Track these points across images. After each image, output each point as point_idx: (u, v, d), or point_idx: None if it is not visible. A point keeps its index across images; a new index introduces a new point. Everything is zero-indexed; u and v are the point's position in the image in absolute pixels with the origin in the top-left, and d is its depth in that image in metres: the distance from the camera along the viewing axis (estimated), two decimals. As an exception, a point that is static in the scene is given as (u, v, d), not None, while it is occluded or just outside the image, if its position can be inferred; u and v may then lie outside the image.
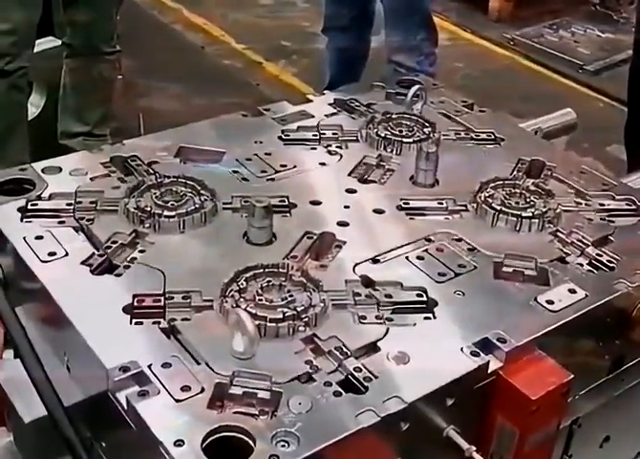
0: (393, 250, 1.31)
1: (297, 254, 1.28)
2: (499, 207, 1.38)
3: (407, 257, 1.30)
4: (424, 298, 1.23)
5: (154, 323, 1.14)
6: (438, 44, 3.49)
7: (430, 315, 1.20)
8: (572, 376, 1.14)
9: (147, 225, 1.30)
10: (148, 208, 1.31)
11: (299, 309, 1.12)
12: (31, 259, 1.24)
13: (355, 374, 1.08)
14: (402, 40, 3.31)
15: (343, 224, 1.37)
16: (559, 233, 1.36)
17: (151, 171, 1.43)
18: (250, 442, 0.98)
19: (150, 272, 1.22)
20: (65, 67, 3.09)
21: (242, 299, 1.14)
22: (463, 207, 1.41)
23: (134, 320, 1.14)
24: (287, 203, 1.40)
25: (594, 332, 1.26)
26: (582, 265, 1.32)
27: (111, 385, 1.05)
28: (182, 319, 1.13)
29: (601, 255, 1.34)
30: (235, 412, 1.02)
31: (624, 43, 4.48)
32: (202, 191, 1.38)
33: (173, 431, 0.98)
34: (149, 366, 1.06)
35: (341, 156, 1.56)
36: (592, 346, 1.28)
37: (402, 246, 1.32)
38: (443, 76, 3.20)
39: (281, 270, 1.20)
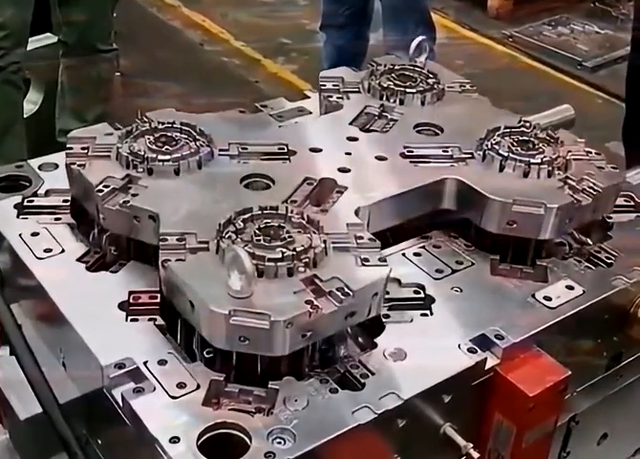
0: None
1: (297, 199, 1.24)
2: (506, 154, 1.34)
3: (404, 254, 1.30)
4: (421, 295, 1.22)
5: (149, 320, 1.13)
6: (437, 41, 3.49)
7: (427, 311, 1.19)
8: (570, 373, 1.13)
9: (140, 169, 1.26)
10: (141, 153, 1.27)
11: (298, 249, 1.08)
12: (26, 256, 1.24)
13: (352, 371, 1.08)
14: (400, 37, 3.31)
15: (344, 170, 1.32)
16: (569, 180, 1.31)
17: (145, 119, 1.38)
18: (246, 439, 0.97)
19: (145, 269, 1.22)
20: (62, 65, 3.09)
21: (239, 240, 1.10)
22: (469, 155, 1.37)
23: (129, 317, 1.14)
24: (286, 150, 1.36)
25: (592, 329, 1.26)
26: (580, 261, 1.31)
27: (106, 382, 1.04)
28: (177, 260, 1.09)
29: (599, 252, 1.33)
30: (231, 409, 1.01)
31: (623, 40, 4.48)
32: (197, 137, 1.33)
33: (168, 428, 0.97)
34: (145, 363, 1.06)
35: (342, 106, 1.52)
36: (590, 343, 1.27)
37: (407, 191, 1.29)
38: (442, 73, 3.18)
39: (280, 212, 1.16)
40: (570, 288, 1.25)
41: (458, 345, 1.13)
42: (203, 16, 5.12)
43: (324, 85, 1.58)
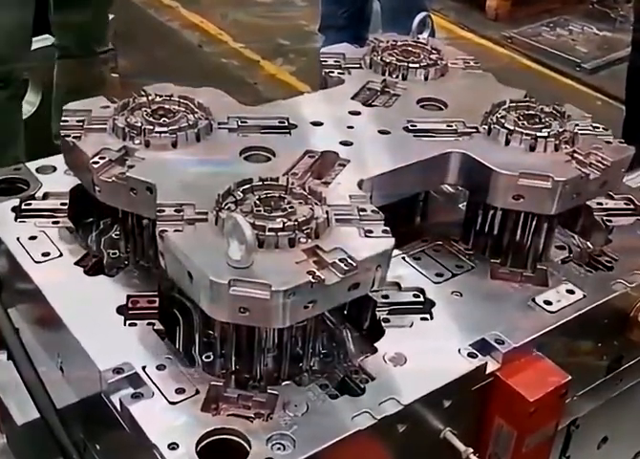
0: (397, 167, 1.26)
1: (298, 172, 1.20)
2: (512, 127, 1.31)
3: (404, 258, 1.29)
4: (421, 299, 1.22)
5: (148, 324, 1.13)
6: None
7: (427, 315, 1.19)
8: (570, 377, 1.13)
9: (137, 141, 1.22)
10: (138, 124, 1.23)
11: (300, 220, 1.05)
12: (24, 259, 1.23)
13: (352, 376, 1.07)
14: (400, 39, 3.31)
15: (346, 143, 1.29)
16: (576, 154, 1.28)
17: (142, 92, 1.34)
18: (245, 444, 0.97)
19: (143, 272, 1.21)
20: (57, 68, 3.07)
21: (238, 210, 1.07)
22: (474, 129, 1.34)
23: (128, 321, 1.13)
24: (286, 123, 1.33)
25: (592, 332, 1.26)
26: (580, 265, 1.31)
27: (104, 387, 1.04)
28: (175, 231, 1.05)
29: (599, 255, 1.33)
30: (230, 414, 1.00)
31: (621, 41, 4.48)
32: (196, 110, 1.30)
33: (167, 434, 0.97)
34: (143, 368, 1.05)
35: (343, 81, 1.49)
36: (590, 347, 1.27)
37: (411, 164, 1.25)
38: (441, 74, 3.18)
39: (280, 183, 1.13)
40: (571, 292, 1.24)
41: (459, 350, 1.12)
42: (202, 17, 5.11)
43: (325, 61, 1.55)
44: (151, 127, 1.23)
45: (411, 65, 1.50)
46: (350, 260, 1.01)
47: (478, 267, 1.29)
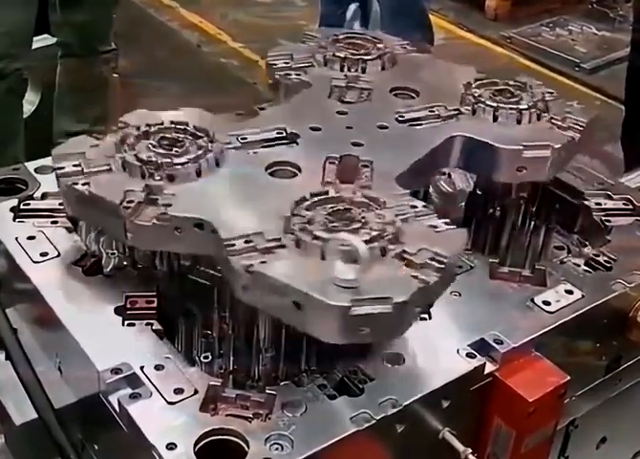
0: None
1: (330, 180, 1.17)
2: (495, 104, 1.34)
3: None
4: (420, 299, 1.22)
5: (146, 325, 1.13)
6: (434, 43, 3.49)
7: (426, 315, 1.18)
8: (569, 377, 1.13)
9: (158, 177, 1.14)
10: (154, 159, 1.14)
11: (379, 227, 1.03)
12: (22, 259, 1.23)
13: (350, 376, 1.07)
14: (399, 39, 3.31)
15: (357, 144, 1.27)
16: (554, 120, 1.33)
17: (121, 124, 1.25)
18: (244, 445, 0.97)
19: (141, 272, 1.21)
20: (60, 67, 3.08)
21: (314, 228, 1.02)
22: (457, 111, 1.35)
23: (126, 322, 1.13)
24: (285, 134, 1.29)
25: (591, 333, 1.26)
26: (579, 265, 1.31)
27: (103, 387, 1.04)
28: (261, 262, 0.98)
29: (598, 255, 1.32)
30: (228, 415, 1.00)
31: (621, 41, 4.47)
32: (199, 134, 1.23)
33: (165, 434, 0.96)
34: (141, 368, 1.05)
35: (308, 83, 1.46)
36: (589, 347, 1.27)
37: (427, 154, 1.26)
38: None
39: (334, 195, 1.09)
40: (569, 292, 1.24)
41: (457, 350, 1.12)
42: (201, 17, 5.11)
43: (274, 64, 1.52)
44: (169, 160, 1.15)
45: (366, 57, 1.48)
46: (439, 257, 1.00)
47: (476, 267, 1.29)
